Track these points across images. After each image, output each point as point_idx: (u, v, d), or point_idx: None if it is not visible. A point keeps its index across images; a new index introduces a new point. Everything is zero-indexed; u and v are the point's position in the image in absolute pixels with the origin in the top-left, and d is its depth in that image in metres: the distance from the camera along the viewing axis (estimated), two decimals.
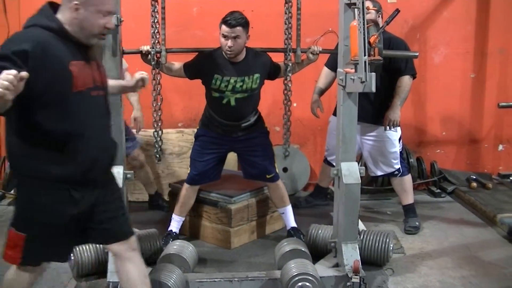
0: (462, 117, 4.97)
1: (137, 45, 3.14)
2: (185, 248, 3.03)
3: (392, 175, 3.88)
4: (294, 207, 3.67)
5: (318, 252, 3.19)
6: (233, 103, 3.28)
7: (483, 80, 4.90)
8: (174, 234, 3.50)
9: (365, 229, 3.39)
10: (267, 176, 3.49)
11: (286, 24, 3.25)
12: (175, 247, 3.03)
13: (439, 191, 4.72)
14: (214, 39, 3.34)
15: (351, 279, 2.73)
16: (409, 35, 4.69)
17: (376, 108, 3.70)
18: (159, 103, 3.22)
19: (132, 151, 3.92)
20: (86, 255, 3.01)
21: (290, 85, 3.31)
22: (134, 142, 3.97)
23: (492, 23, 4.81)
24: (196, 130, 3.56)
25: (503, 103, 4.27)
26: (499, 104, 4.24)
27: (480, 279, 3.11)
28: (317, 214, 4.14)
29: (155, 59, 3.13)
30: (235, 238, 3.54)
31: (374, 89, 2.59)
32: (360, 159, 4.26)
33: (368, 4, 3.01)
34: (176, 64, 3.30)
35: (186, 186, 3.51)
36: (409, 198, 3.91)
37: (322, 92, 3.97)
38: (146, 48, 3.12)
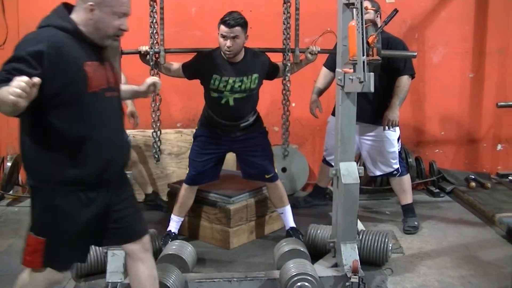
0: (460, 117, 4.97)
1: (135, 45, 3.14)
2: (184, 248, 3.03)
3: (391, 175, 3.88)
4: (293, 207, 3.67)
5: (317, 252, 3.19)
6: (231, 103, 3.28)
7: (482, 80, 4.91)
8: (173, 234, 3.50)
9: (364, 229, 3.40)
10: (266, 176, 3.49)
11: (284, 24, 3.26)
12: (174, 247, 3.03)
13: (438, 191, 4.72)
14: (213, 39, 3.33)
15: (350, 279, 2.73)
16: (407, 35, 4.69)
17: (374, 108, 3.70)
18: (157, 104, 3.23)
19: None
20: None
21: (288, 85, 3.32)
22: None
23: (490, 23, 4.82)
24: (195, 131, 3.55)
25: (502, 103, 4.28)
26: (498, 104, 4.26)
27: (479, 278, 3.11)
28: (316, 214, 4.14)
29: (154, 59, 3.14)
30: (234, 238, 3.54)
31: (372, 89, 2.59)
32: (359, 159, 4.26)
33: (366, 4, 3.01)
34: (174, 64, 3.30)
35: (185, 186, 3.51)
36: (408, 198, 3.91)
37: (321, 92, 3.97)
38: (145, 49, 3.12)
